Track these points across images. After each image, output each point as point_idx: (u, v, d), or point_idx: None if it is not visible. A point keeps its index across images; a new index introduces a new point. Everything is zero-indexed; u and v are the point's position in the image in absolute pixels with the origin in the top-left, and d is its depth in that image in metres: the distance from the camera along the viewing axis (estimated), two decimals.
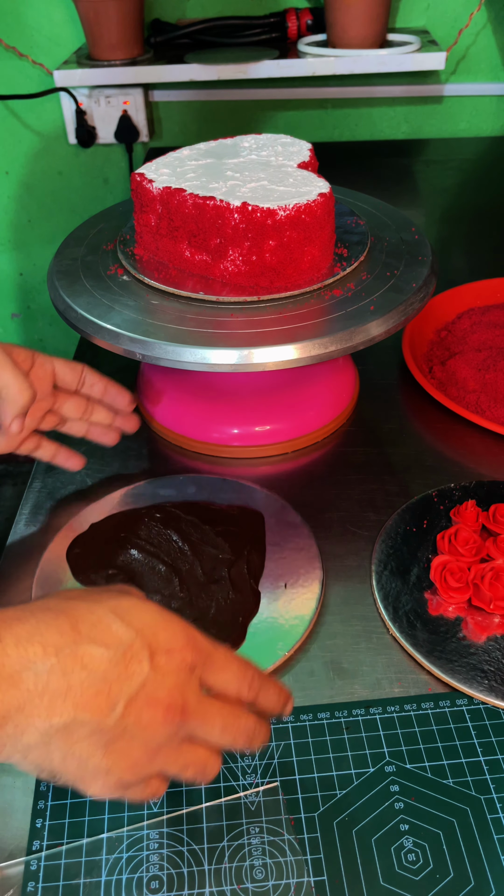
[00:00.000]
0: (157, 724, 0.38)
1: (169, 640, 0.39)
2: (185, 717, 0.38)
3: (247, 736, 0.41)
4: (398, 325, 0.62)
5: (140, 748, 0.38)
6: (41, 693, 0.35)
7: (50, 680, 0.35)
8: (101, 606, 0.38)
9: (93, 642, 0.37)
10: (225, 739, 0.40)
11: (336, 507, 0.66)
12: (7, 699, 0.35)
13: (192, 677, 0.39)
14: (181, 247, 0.65)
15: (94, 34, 1.26)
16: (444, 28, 1.37)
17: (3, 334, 1.75)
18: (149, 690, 0.37)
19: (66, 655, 0.36)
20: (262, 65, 1.24)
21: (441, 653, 0.53)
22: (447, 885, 0.43)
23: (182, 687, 0.38)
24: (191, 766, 0.40)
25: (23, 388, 0.57)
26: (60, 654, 0.36)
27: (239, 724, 0.41)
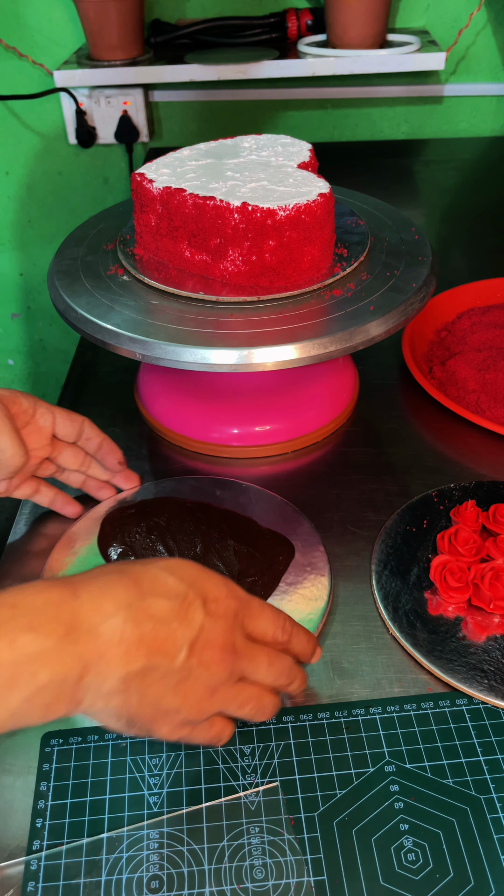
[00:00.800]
0: (215, 664, 0.42)
1: (215, 589, 0.43)
2: (237, 656, 0.43)
3: (288, 673, 0.47)
4: (398, 325, 0.62)
5: (202, 687, 0.42)
6: (118, 642, 0.39)
7: (125, 629, 0.40)
8: (154, 566, 0.43)
9: (155, 595, 0.41)
10: (270, 676, 0.46)
11: (336, 507, 0.66)
12: (88, 650, 0.39)
13: (237, 622, 0.44)
14: (181, 247, 0.65)
15: (94, 34, 1.26)
16: (444, 28, 1.37)
17: (3, 334, 1.75)
18: (206, 633, 0.42)
19: (135, 608, 0.40)
20: (262, 65, 1.24)
21: (441, 652, 0.53)
22: (447, 884, 0.43)
23: (231, 629, 0.43)
24: (249, 703, 0.45)
25: (17, 453, 0.58)
26: (131, 607, 0.40)
27: (282, 662, 0.46)
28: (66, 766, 0.49)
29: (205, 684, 0.42)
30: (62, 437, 0.63)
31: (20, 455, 0.58)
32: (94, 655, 0.39)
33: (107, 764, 0.49)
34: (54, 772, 0.48)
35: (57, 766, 0.49)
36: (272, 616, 0.46)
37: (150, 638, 0.40)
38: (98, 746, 0.50)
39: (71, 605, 0.39)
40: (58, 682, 0.38)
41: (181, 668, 0.41)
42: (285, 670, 0.46)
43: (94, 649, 0.39)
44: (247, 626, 0.45)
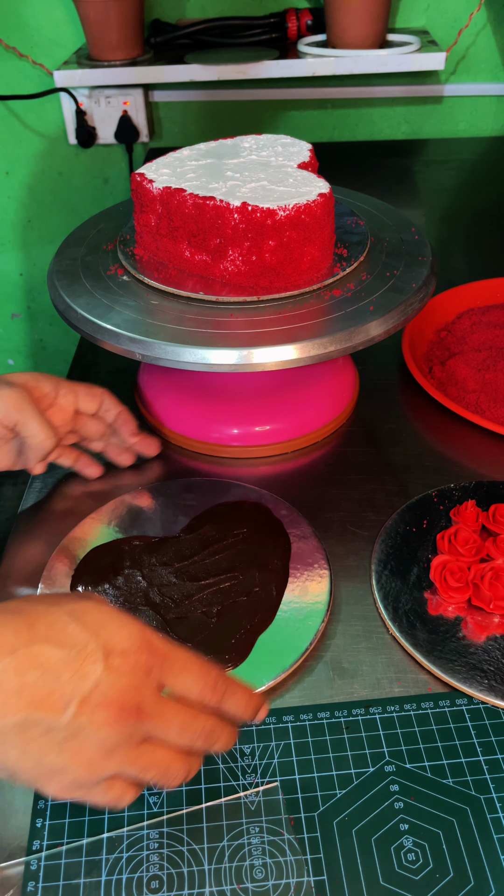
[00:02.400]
0: (110, 724, 0.38)
1: (124, 641, 0.39)
2: (140, 718, 0.39)
3: (205, 737, 0.41)
4: (398, 325, 0.62)
5: (94, 747, 0.38)
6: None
7: (3, 679, 0.36)
8: (59, 608, 0.39)
9: (47, 642, 0.37)
10: (183, 740, 0.40)
11: (336, 507, 0.66)
12: None
13: (149, 679, 0.39)
14: (181, 247, 0.65)
15: (94, 34, 1.26)
16: (443, 28, 1.37)
17: (3, 334, 1.75)
18: (102, 690, 0.38)
19: (20, 655, 0.37)
20: (262, 65, 1.24)
21: (441, 652, 0.53)
22: (447, 884, 0.43)
23: (137, 688, 0.39)
24: (152, 768, 0.40)
25: (48, 437, 0.60)
26: (15, 654, 0.37)
27: (196, 725, 0.41)
28: None
29: (97, 745, 0.38)
30: (84, 411, 0.66)
31: (50, 439, 0.61)
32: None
33: None
34: None
35: None
36: (199, 673, 0.41)
37: (33, 689, 0.37)
38: None
39: None
40: None
41: (67, 725, 0.37)
42: (203, 733, 0.41)
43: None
44: (166, 682, 0.40)
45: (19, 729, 0.37)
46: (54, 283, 0.68)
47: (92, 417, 0.67)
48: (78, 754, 0.38)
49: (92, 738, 0.38)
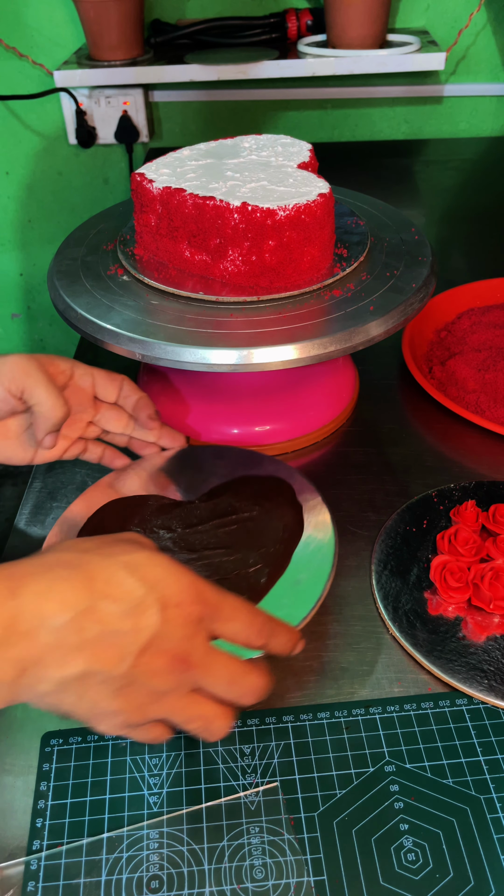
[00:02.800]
0: (162, 673, 0.40)
1: (179, 593, 0.40)
2: (190, 667, 0.40)
3: (253, 692, 0.43)
4: (398, 325, 0.62)
5: (146, 694, 0.40)
6: (55, 647, 0.37)
7: (64, 635, 0.37)
8: (115, 561, 0.40)
9: (106, 598, 0.39)
10: (232, 693, 0.42)
11: (336, 507, 0.66)
12: (24, 653, 0.37)
13: (200, 629, 0.41)
14: (181, 247, 0.65)
15: (94, 34, 1.26)
16: (443, 28, 1.37)
17: (3, 334, 1.75)
18: (158, 642, 0.39)
19: (80, 612, 0.38)
20: (262, 65, 1.24)
21: (441, 652, 0.53)
22: (447, 884, 0.43)
23: (189, 639, 0.40)
24: (196, 719, 0.42)
25: (56, 405, 0.57)
26: (75, 611, 0.38)
27: (246, 680, 0.42)
28: (66, 766, 0.49)
29: (149, 692, 0.40)
30: (103, 397, 0.63)
31: (59, 406, 0.57)
32: (29, 660, 0.37)
33: (107, 764, 0.49)
34: (54, 772, 0.48)
35: (57, 766, 0.49)
36: (247, 619, 0.43)
37: (93, 645, 0.38)
38: (98, 746, 0.50)
39: (9, 605, 0.37)
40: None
41: (123, 675, 0.39)
42: (248, 691, 0.43)
43: (31, 652, 0.37)
44: (216, 630, 0.42)
45: (79, 680, 0.38)
46: (54, 283, 0.68)
47: (112, 407, 0.64)
48: (130, 700, 0.40)
49: (145, 685, 0.40)
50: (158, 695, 0.40)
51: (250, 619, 0.43)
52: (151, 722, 0.42)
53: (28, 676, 0.37)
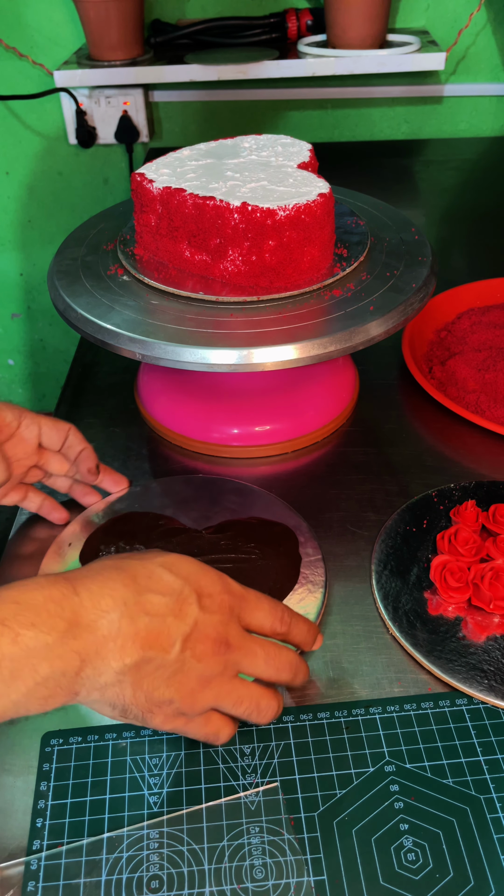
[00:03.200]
0: (208, 657, 0.44)
1: (210, 585, 0.45)
2: (230, 649, 0.45)
3: (290, 668, 0.48)
4: (398, 325, 0.62)
5: (195, 679, 0.44)
6: (114, 637, 0.41)
7: (121, 625, 0.41)
8: (152, 562, 0.45)
9: (151, 591, 0.43)
10: (269, 671, 0.47)
11: (336, 507, 0.66)
12: (86, 645, 0.40)
13: (233, 616, 0.45)
14: (181, 247, 0.65)
15: (94, 34, 1.26)
16: (443, 28, 1.37)
17: (3, 334, 1.75)
18: (200, 627, 0.44)
19: (132, 604, 0.42)
20: (262, 65, 1.24)
21: (441, 652, 0.53)
22: (447, 884, 0.43)
23: (225, 624, 0.45)
24: (244, 701, 0.46)
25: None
26: (127, 604, 0.42)
27: (281, 657, 0.47)
28: (66, 766, 0.49)
29: (198, 676, 0.44)
30: (48, 445, 0.63)
31: (1, 471, 0.58)
32: (91, 650, 0.41)
33: (107, 764, 0.49)
34: (54, 772, 0.48)
35: (57, 765, 0.49)
36: (269, 608, 0.48)
37: (145, 633, 0.42)
38: (98, 746, 0.50)
39: (71, 601, 0.41)
40: (57, 675, 0.40)
41: (175, 660, 0.43)
42: (285, 665, 0.47)
43: (92, 644, 0.41)
44: (244, 619, 0.46)
45: (136, 667, 0.42)
46: (54, 283, 0.68)
47: (55, 453, 0.64)
48: (182, 686, 0.44)
49: (193, 670, 0.44)
50: (206, 679, 0.44)
51: (272, 607, 0.48)
52: (205, 713, 0.46)
53: (90, 667, 0.41)
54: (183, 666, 0.43)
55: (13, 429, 0.60)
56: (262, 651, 0.46)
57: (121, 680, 0.42)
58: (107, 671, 0.41)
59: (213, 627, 0.44)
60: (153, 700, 0.43)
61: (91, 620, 0.41)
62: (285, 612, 0.49)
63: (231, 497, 0.65)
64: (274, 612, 0.48)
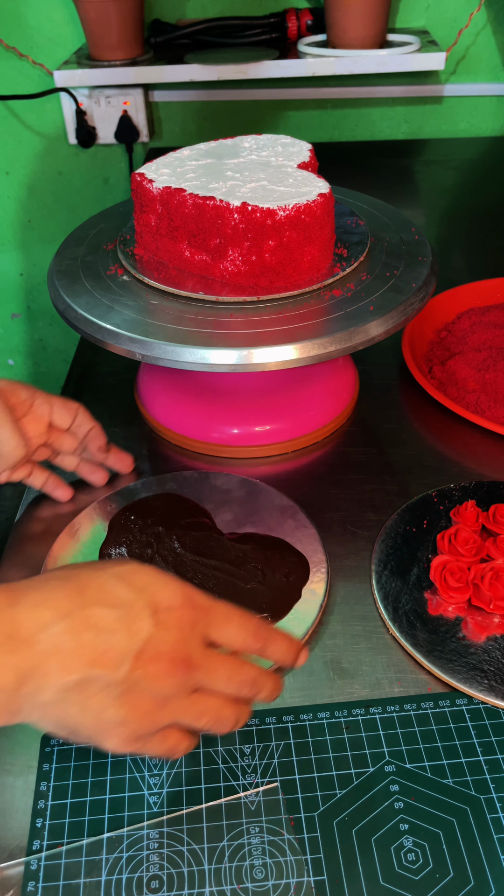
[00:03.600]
0: (163, 676, 0.40)
1: (169, 598, 0.41)
2: (190, 669, 0.41)
3: (251, 684, 0.43)
4: (398, 325, 0.62)
5: (149, 699, 0.40)
6: (54, 653, 0.38)
7: (62, 640, 0.38)
8: (104, 572, 0.41)
9: (99, 604, 0.40)
10: (231, 687, 0.43)
11: (336, 507, 0.66)
12: (24, 660, 0.38)
13: (195, 632, 0.42)
14: (181, 247, 0.65)
15: (94, 34, 1.26)
16: (444, 28, 1.37)
17: (3, 334, 1.75)
18: (154, 645, 0.40)
19: (75, 617, 0.39)
20: (262, 65, 1.24)
21: (441, 652, 0.53)
22: (447, 884, 0.43)
23: (185, 641, 0.41)
24: (204, 715, 0.42)
25: (18, 445, 0.59)
26: (70, 617, 0.39)
27: (245, 673, 0.43)
28: (66, 766, 0.49)
29: (152, 696, 0.40)
30: (58, 424, 0.65)
31: (21, 447, 0.59)
32: (30, 666, 0.38)
33: (107, 764, 0.49)
34: (54, 772, 0.48)
35: (57, 766, 0.49)
36: (240, 623, 0.43)
37: (89, 649, 0.39)
38: None
39: (8, 612, 0.38)
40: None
41: (123, 679, 0.39)
42: (248, 681, 0.43)
43: (30, 659, 0.38)
44: (210, 634, 0.42)
45: (79, 686, 0.39)
46: (54, 283, 0.68)
47: (65, 432, 0.66)
48: (135, 707, 0.40)
49: (147, 690, 0.40)
50: (163, 700, 0.41)
51: (244, 622, 0.44)
52: (162, 730, 0.42)
53: (30, 684, 0.38)
54: (135, 685, 0.40)
55: (27, 406, 0.62)
56: (225, 668, 0.42)
57: (64, 699, 0.39)
58: (48, 689, 0.38)
59: (169, 645, 0.40)
60: (103, 721, 0.40)
61: (30, 634, 0.38)
62: (260, 626, 0.44)
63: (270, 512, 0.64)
64: (246, 627, 0.43)
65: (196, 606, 0.42)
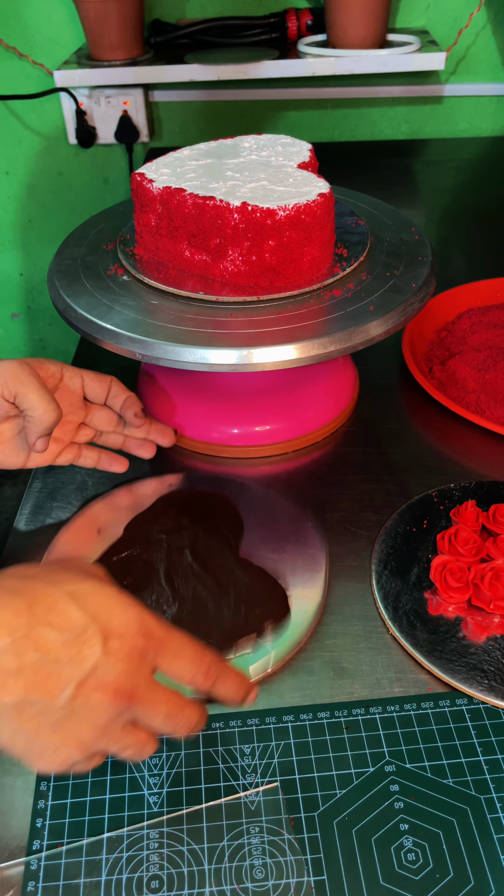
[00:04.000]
0: (104, 707, 0.39)
1: (123, 625, 0.39)
2: (133, 702, 0.39)
3: (188, 727, 0.42)
4: (398, 325, 0.62)
5: (87, 728, 0.39)
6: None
7: (2, 660, 0.36)
8: (59, 589, 0.39)
9: (47, 625, 0.38)
10: (167, 728, 0.41)
11: (336, 507, 0.66)
12: None
13: (144, 663, 0.40)
14: (181, 247, 0.65)
15: (94, 34, 1.26)
16: (444, 28, 1.37)
17: (3, 334, 1.75)
18: (99, 674, 0.38)
19: (20, 637, 0.37)
20: (262, 65, 1.24)
21: (441, 652, 0.53)
22: (447, 884, 0.43)
23: (132, 672, 0.39)
24: (130, 748, 0.41)
25: (48, 408, 0.57)
26: (14, 636, 0.37)
27: (183, 715, 0.41)
28: None
29: (90, 726, 0.39)
30: (92, 398, 0.64)
31: (52, 410, 0.57)
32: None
33: (107, 764, 0.49)
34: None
35: None
36: (193, 658, 0.42)
37: (32, 671, 0.37)
38: None
39: None
40: None
41: (63, 707, 0.38)
42: (184, 725, 0.42)
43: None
44: (160, 665, 0.41)
45: (16, 710, 0.37)
46: (54, 283, 0.68)
47: (102, 407, 0.65)
48: (71, 735, 0.38)
49: (86, 719, 0.38)
50: (99, 729, 0.39)
51: (198, 657, 0.42)
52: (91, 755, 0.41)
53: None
54: (73, 713, 0.38)
55: (57, 379, 0.62)
56: (165, 707, 0.41)
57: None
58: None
59: (114, 676, 0.38)
60: (35, 746, 0.38)
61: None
62: (213, 664, 0.42)
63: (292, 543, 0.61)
64: (198, 664, 0.42)
65: (149, 636, 0.40)
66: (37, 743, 0.38)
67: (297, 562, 0.60)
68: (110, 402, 0.65)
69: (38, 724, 0.38)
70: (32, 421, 0.58)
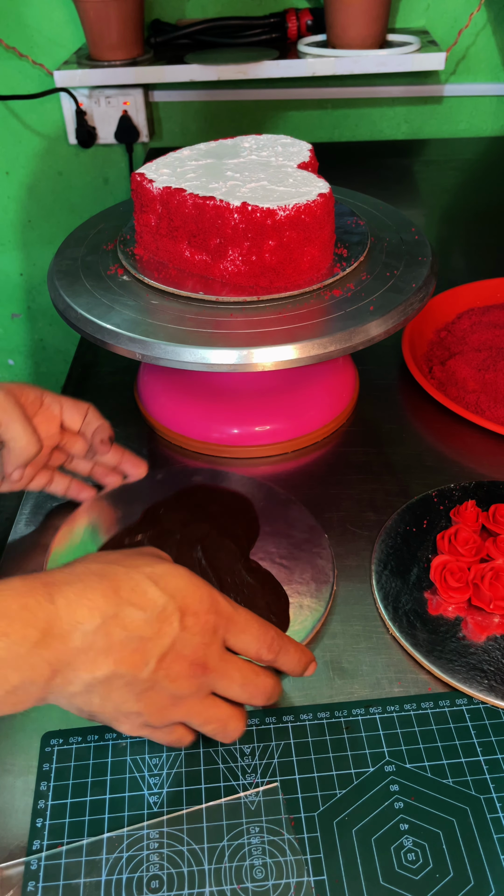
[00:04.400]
0: (182, 678, 0.43)
1: (196, 603, 0.43)
2: (207, 672, 0.43)
3: (265, 694, 0.46)
4: (398, 325, 0.62)
5: (167, 697, 0.43)
6: (87, 650, 0.40)
7: (95, 639, 0.40)
8: (139, 572, 0.43)
9: (132, 605, 0.41)
10: (244, 695, 0.45)
11: (336, 507, 0.66)
12: (58, 655, 0.40)
13: (216, 637, 0.44)
14: (181, 247, 0.65)
15: (94, 34, 1.26)
16: (443, 28, 1.37)
17: (3, 334, 1.75)
18: (177, 648, 0.42)
19: (108, 618, 0.41)
20: (262, 65, 1.24)
21: (441, 652, 0.53)
22: (447, 884, 0.43)
23: (206, 646, 0.43)
24: (213, 721, 0.45)
25: (31, 441, 0.59)
26: (105, 616, 0.41)
27: (257, 682, 0.46)
28: (66, 766, 0.49)
29: (169, 695, 0.43)
30: (69, 425, 0.65)
31: (34, 443, 0.59)
32: (62, 661, 0.40)
33: (107, 764, 0.49)
34: (54, 772, 0.48)
35: (57, 766, 0.49)
36: (258, 632, 0.46)
37: (119, 648, 0.41)
38: (98, 746, 0.50)
39: (46, 610, 0.40)
40: (27, 684, 0.39)
41: (147, 679, 0.42)
42: (260, 691, 0.46)
43: (63, 655, 0.40)
44: (229, 640, 0.45)
45: (106, 681, 0.41)
46: (54, 283, 0.68)
47: (76, 434, 0.65)
48: (152, 703, 0.43)
49: (166, 689, 0.43)
50: (178, 698, 0.43)
51: (262, 632, 0.46)
52: (172, 724, 0.45)
53: (60, 677, 0.40)
54: (155, 684, 0.42)
55: (37, 406, 0.62)
56: (240, 675, 0.45)
57: (89, 691, 0.41)
58: (76, 682, 0.41)
59: (191, 649, 0.43)
60: (121, 711, 0.43)
61: (65, 631, 0.40)
62: (275, 638, 0.46)
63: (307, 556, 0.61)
64: (262, 638, 0.46)
65: (219, 613, 0.44)
66: (122, 709, 0.43)
67: (307, 573, 0.59)
68: (84, 429, 0.65)
69: (123, 693, 0.42)
70: (13, 452, 0.59)
